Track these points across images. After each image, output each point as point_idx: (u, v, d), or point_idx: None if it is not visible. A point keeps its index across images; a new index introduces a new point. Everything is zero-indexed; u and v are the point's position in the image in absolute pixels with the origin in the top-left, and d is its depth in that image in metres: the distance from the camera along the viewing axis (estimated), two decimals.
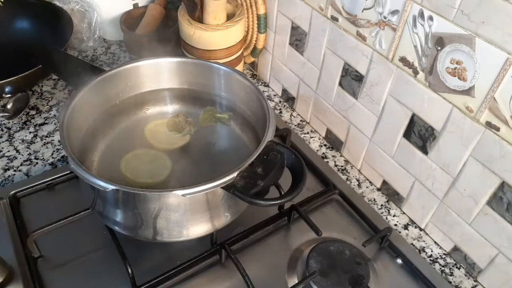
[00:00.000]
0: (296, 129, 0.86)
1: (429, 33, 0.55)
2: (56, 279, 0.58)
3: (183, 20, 0.81)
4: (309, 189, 0.71)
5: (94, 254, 0.61)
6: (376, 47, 0.63)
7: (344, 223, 0.68)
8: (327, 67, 0.75)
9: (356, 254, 0.60)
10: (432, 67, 0.56)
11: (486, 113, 0.52)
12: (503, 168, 0.53)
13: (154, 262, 0.61)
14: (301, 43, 0.79)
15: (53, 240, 0.61)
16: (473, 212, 0.59)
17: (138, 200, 0.52)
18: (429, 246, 0.67)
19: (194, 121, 0.67)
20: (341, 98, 0.75)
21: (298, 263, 0.62)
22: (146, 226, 0.54)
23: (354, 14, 0.65)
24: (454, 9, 0.51)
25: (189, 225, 0.55)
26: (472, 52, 0.51)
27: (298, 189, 0.52)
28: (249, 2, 0.85)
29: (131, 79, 0.68)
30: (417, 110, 0.61)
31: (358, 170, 0.78)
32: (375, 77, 0.66)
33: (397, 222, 0.70)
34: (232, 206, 0.57)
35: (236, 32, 0.82)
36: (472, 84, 0.52)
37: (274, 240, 0.65)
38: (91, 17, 0.97)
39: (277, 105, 0.91)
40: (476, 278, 0.63)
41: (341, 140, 0.79)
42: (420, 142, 0.63)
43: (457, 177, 0.59)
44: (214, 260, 0.62)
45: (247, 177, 0.51)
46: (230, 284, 0.60)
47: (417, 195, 0.67)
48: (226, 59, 0.84)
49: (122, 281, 0.57)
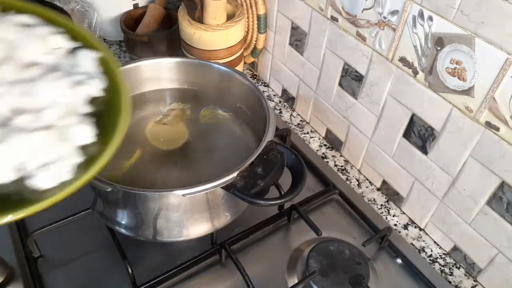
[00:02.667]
0: (296, 129, 0.86)
1: (428, 33, 0.55)
2: (56, 279, 0.58)
3: (183, 20, 0.81)
4: (309, 189, 0.71)
5: (94, 254, 0.61)
6: (376, 47, 0.63)
7: (344, 223, 0.68)
8: (327, 67, 0.75)
9: (356, 254, 0.60)
10: (431, 67, 0.56)
11: (486, 113, 0.52)
12: (502, 168, 0.53)
13: (154, 262, 0.61)
14: (301, 43, 0.79)
15: (53, 240, 0.61)
16: (473, 212, 0.59)
17: (138, 200, 0.52)
18: (429, 246, 0.67)
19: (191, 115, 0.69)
20: (341, 98, 0.75)
21: (298, 263, 0.62)
22: (146, 226, 0.54)
23: (354, 14, 0.65)
24: (454, 9, 0.51)
25: (189, 225, 0.55)
26: (472, 52, 0.51)
27: (298, 189, 0.52)
28: (249, 2, 0.85)
29: (131, 79, 0.68)
30: (417, 110, 0.61)
31: (358, 170, 0.78)
32: (375, 77, 0.66)
33: (397, 222, 0.70)
34: (232, 206, 0.57)
35: (236, 32, 0.82)
36: (472, 84, 0.52)
37: (274, 240, 0.65)
38: (91, 17, 0.97)
39: (277, 105, 0.91)
40: (476, 278, 0.63)
41: (341, 140, 0.79)
42: (420, 142, 0.63)
43: (457, 177, 0.59)
44: (214, 260, 0.62)
45: (247, 177, 0.51)
46: (230, 284, 0.60)
47: (417, 195, 0.67)
48: (226, 59, 0.84)
49: (122, 281, 0.57)
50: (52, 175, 0.38)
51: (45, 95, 0.41)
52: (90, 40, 0.47)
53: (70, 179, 0.39)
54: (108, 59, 0.47)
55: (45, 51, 0.45)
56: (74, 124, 0.41)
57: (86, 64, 0.45)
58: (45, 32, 0.45)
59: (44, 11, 0.48)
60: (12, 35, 0.44)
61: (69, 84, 0.42)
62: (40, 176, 0.38)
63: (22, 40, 0.44)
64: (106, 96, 0.44)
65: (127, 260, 0.57)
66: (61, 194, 0.38)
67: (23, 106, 0.40)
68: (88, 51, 0.46)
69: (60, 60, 0.45)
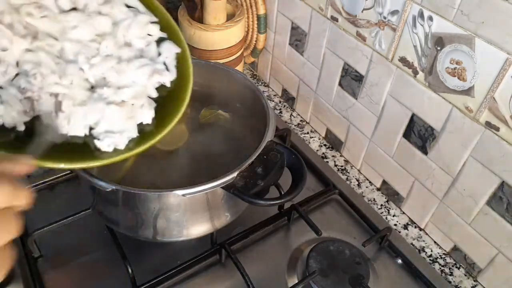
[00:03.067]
0: (296, 129, 0.86)
1: (428, 33, 0.55)
2: (56, 279, 0.58)
3: (183, 20, 0.81)
4: (309, 189, 0.71)
5: (94, 254, 0.61)
6: (376, 47, 0.63)
7: (344, 223, 0.68)
8: (327, 67, 0.75)
9: (356, 254, 0.60)
10: (431, 67, 0.56)
11: (486, 113, 0.52)
12: (502, 168, 0.53)
13: (154, 262, 0.61)
14: (301, 43, 0.79)
15: (53, 240, 0.61)
16: (473, 212, 0.59)
17: (138, 200, 0.52)
18: (429, 246, 0.67)
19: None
20: (341, 98, 0.75)
21: (298, 263, 0.62)
22: (146, 226, 0.54)
23: (354, 14, 0.65)
24: (454, 9, 0.51)
25: (189, 225, 0.55)
26: (472, 52, 0.51)
27: (298, 189, 0.52)
28: (249, 2, 0.85)
29: None
30: (417, 110, 0.61)
31: (358, 170, 0.78)
32: (375, 77, 0.66)
33: (397, 222, 0.70)
34: (232, 206, 0.57)
35: (236, 32, 0.82)
36: (472, 84, 0.52)
37: (274, 240, 0.65)
38: None
39: (277, 105, 0.91)
40: (476, 278, 0.63)
41: (341, 140, 0.79)
42: (420, 142, 0.63)
43: (457, 177, 0.59)
44: (214, 260, 0.62)
45: (247, 177, 0.51)
46: (230, 284, 0.60)
47: (417, 195, 0.67)
48: (226, 59, 0.84)
49: (122, 281, 0.57)
50: (113, 141, 0.45)
51: (129, 75, 0.48)
52: (177, 34, 0.53)
53: (123, 149, 0.45)
54: (185, 56, 0.52)
55: (140, 36, 0.51)
56: (141, 105, 0.48)
57: (168, 56, 0.52)
58: (145, 20, 0.51)
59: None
60: (120, 14, 0.50)
61: (149, 71, 0.49)
62: (103, 140, 0.45)
63: (126, 21, 0.50)
64: (171, 88, 0.50)
65: (127, 260, 0.57)
66: (112, 159, 0.45)
67: (108, 80, 0.47)
68: (171, 45, 0.52)
69: (149, 46, 0.51)
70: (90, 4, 0.50)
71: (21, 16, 0.46)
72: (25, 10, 0.46)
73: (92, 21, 0.49)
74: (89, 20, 0.49)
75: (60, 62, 0.47)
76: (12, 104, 0.43)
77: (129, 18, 0.50)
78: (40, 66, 0.45)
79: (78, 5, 0.50)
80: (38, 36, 0.47)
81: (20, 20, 0.46)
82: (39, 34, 0.47)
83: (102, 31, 0.50)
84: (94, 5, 0.50)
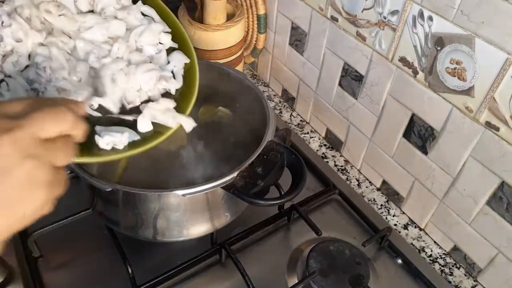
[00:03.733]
0: (296, 129, 0.86)
1: (428, 33, 0.55)
2: (56, 279, 0.58)
3: (183, 20, 0.81)
4: (309, 189, 0.71)
5: (94, 254, 0.61)
6: (376, 47, 0.63)
7: (344, 223, 0.68)
8: (327, 67, 0.75)
9: (356, 254, 0.60)
10: (431, 67, 0.56)
11: (486, 113, 0.52)
12: (502, 168, 0.53)
13: (154, 262, 0.61)
14: (301, 43, 0.79)
15: (53, 240, 0.61)
16: (473, 212, 0.59)
17: (138, 200, 0.52)
18: (429, 246, 0.67)
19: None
20: (341, 98, 0.75)
21: (298, 263, 0.62)
22: (146, 226, 0.54)
23: (354, 14, 0.65)
24: (454, 9, 0.51)
25: (189, 225, 0.55)
26: (472, 52, 0.51)
27: (298, 189, 0.52)
28: (249, 2, 0.85)
29: None
30: (417, 110, 0.61)
31: (358, 170, 0.78)
32: (375, 77, 0.66)
33: (397, 222, 0.70)
34: (232, 206, 0.57)
35: (236, 32, 0.82)
36: (472, 84, 0.52)
37: (274, 240, 0.65)
38: None
39: (277, 105, 0.91)
40: (476, 278, 0.63)
41: (341, 140, 0.79)
42: (420, 142, 0.63)
43: (457, 177, 0.59)
44: (214, 260, 0.62)
45: (247, 177, 0.51)
46: (230, 284, 0.60)
47: (417, 195, 0.67)
48: (226, 59, 0.84)
49: (122, 281, 0.57)
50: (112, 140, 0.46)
51: (137, 78, 0.50)
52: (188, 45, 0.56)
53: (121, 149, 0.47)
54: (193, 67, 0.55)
55: (151, 43, 0.54)
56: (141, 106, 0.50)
57: (176, 66, 0.54)
58: (158, 29, 0.54)
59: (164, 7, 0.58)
60: (135, 21, 0.54)
61: (156, 76, 0.51)
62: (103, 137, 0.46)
63: (139, 28, 0.53)
64: (175, 96, 0.53)
65: (127, 260, 0.57)
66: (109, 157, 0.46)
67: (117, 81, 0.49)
68: (181, 55, 0.55)
69: (159, 54, 0.54)
70: (108, 8, 0.52)
71: (40, 12, 0.48)
72: (44, 7, 0.48)
73: (108, 24, 0.51)
74: (104, 23, 0.51)
75: (71, 59, 0.48)
76: (19, 93, 0.45)
77: (143, 25, 0.53)
78: (51, 60, 0.47)
79: (96, 8, 0.52)
80: (53, 32, 0.49)
81: (39, 16, 0.48)
82: (54, 30, 0.49)
83: (115, 35, 0.52)
84: (111, 9, 0.52)
